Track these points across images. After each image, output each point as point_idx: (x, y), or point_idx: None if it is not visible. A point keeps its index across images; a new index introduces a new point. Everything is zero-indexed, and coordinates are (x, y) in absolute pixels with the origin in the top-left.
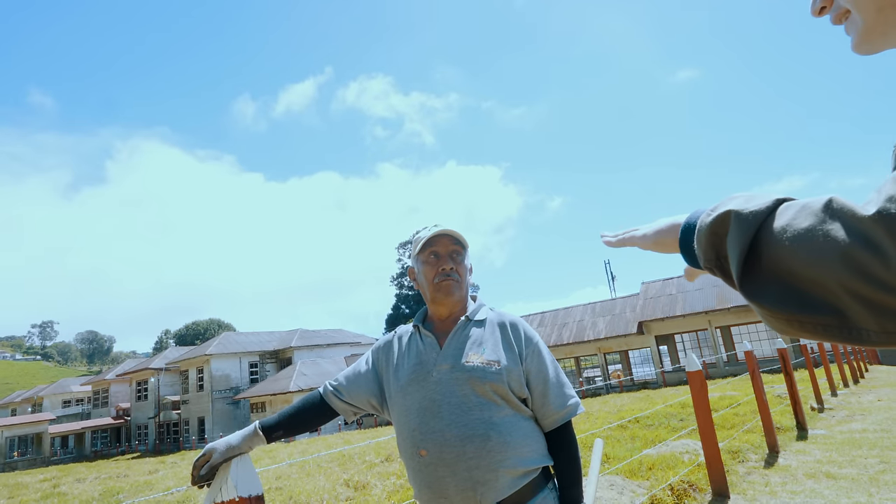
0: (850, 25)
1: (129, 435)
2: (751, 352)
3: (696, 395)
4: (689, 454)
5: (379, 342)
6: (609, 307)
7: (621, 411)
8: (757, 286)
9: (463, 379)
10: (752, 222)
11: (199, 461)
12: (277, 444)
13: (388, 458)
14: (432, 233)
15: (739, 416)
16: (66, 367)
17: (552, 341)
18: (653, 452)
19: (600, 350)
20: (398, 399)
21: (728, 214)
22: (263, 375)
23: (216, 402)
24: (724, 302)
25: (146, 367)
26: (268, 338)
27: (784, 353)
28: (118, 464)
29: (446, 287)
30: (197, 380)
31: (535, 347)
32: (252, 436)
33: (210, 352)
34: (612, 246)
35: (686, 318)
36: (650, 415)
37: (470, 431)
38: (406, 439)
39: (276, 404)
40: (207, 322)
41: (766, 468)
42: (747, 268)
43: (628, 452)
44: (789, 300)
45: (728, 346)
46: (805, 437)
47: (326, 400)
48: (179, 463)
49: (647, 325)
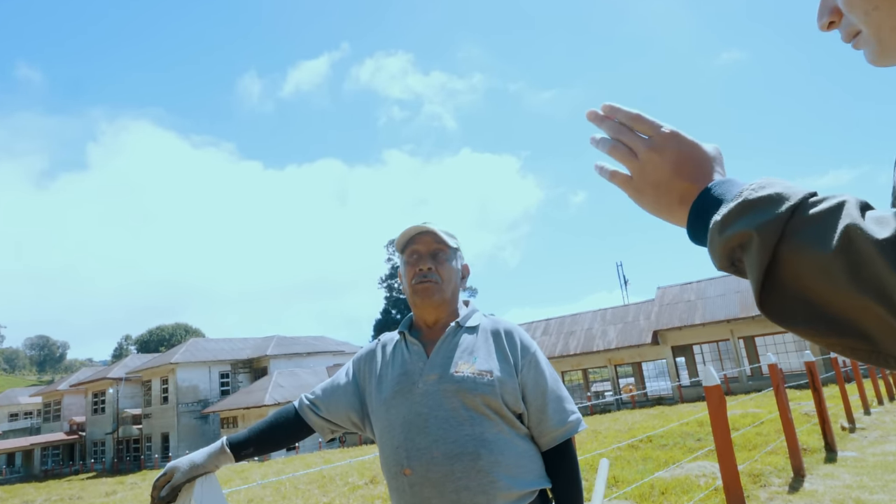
0: (863, 43)
1: (83, 452)
2: (775, 365)
3: (714, 412)
4: (706, 477)
5: (361, 351)
6: (621, 314)
7: (632, 429)
8: (779, 305)
9: (452, 391)
10: (773, 233)
11: (159, 481)
12: (250, 463)
13: (374, 479)
14: (414, 231)
15: (762, 435)
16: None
17: (557, 351)
18: (666, 475)
19: (611, 362)
20: (381, 413)
21: (748, 235)
22: (235, 387)
23: (182, 417)
24: (748, 310)
25: (104, 376)
26: (241, 345)
27: (812, 366)
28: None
29: (423, 289)
30: (161, 391)
31: (533, 358)
32: (219, 453)
33: (176, 360)
34: (604, 176)
35: (706, 326)
36: (664, 433)
37: (459, 449)
38: (389, 457)
39: (250, 419)
40: (173, 327)
41: (790, 493)
42: (767, 281)
43: (638, 475)
44: (815, 320)
45: (752, 358)
46: (834, 459)
47: (301, 415)
48: (140, 484)
49: (663, 335)
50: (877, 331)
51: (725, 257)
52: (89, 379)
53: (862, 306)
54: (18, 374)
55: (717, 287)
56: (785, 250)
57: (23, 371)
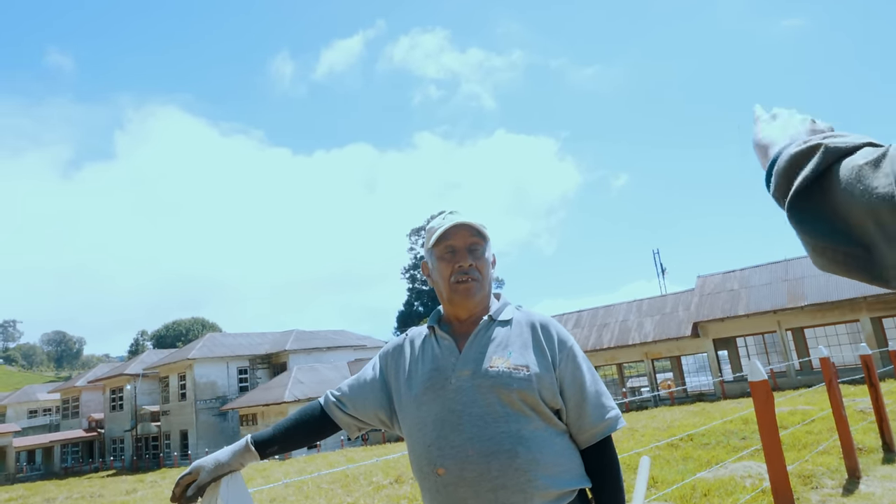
0: None
1: (102, 449)
2: (827, 358)
3: (761, 409)
4: (752, 478)
5: (387, 346)
6: (658, 305)
7: (672, 427)
8: (804, 209)
9: (486, 386)
10: (833, 154)
11: (184, 479)
12: (271, 462)
13: (399, 479)
14: (448, 224)
15: (813, 434)
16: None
17: (590, 345)
18: (708, 476)
19: (647, 356)
20: (411, 410)
21: (818, 147)
22: (254, 383)
23: (200, 414)
24: (796, 299)
25: (121, 372)
26: (259, 339)
27: (868, 360)
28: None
29: (465, 289)
30: (179, 388)
31: (570, 352)
32: (243, 451)
33: (193, 356)
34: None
35: (750, 318)
36: (706, 432)
37: (495, 447)
38: (421, 456)
39: (269, 416)
40: (190, 321)
41: (844, 496)
42: (805, 192)
43: (679, 475)
44: (825, 229)
45: (801, 351)
46: (893, 459)
47: (328, 412)
48: (160, 482)
49: (704, 327)
50: (877, 241)
51: (785, 176)
52: (107, 375)
53: (870, 214)
54: (36, 370)
55: (763, 275)
56: (836, 171)
57: (40, 367)
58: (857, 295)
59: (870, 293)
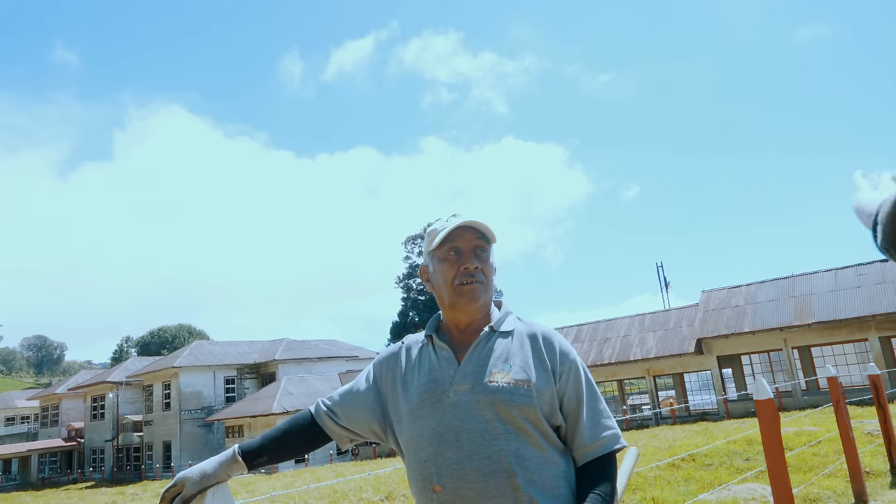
0: None
1: (82, 460)
2: (835, 378)
3: (766, 429)
4: (756, 501)
5: (382, 354)
6: (661, 320)
7: (673, 447)
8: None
9: (486, 402)
10: None
11: (168, 492)
12: (257, 476)
13: (390, 495)
14: (453, 224)
15: (819, 456)
16: (10, 377)
17: (590, 360)
18: (711, 498)
19: (649, 372)
20: (407, 423)
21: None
22: (242, 393)
23: (185, 424)
24: (803, 317)
25: (103, 380)
26: (248, 348)
27: (877, 380)
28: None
29: (469, 291)
30: (163, 397)
31: (573, 365)
32: (230, 462)
33: (179, 364)
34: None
35: (756, 335)
36: (709, 452)
37: (493, 465)
38: (416, 471)
39: (256, 428)
40: (176, 328)
41: None
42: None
43: (681, 497)
44: None
45: (808, 370)
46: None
47: (318, 422)
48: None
49: (708, 343)
50: None
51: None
52: (88, 382)
53: None
54: (15, 375)
55: (769, 291)
56: None
57: (20, 373)
58: (866, 314)
59: (879, 312)
